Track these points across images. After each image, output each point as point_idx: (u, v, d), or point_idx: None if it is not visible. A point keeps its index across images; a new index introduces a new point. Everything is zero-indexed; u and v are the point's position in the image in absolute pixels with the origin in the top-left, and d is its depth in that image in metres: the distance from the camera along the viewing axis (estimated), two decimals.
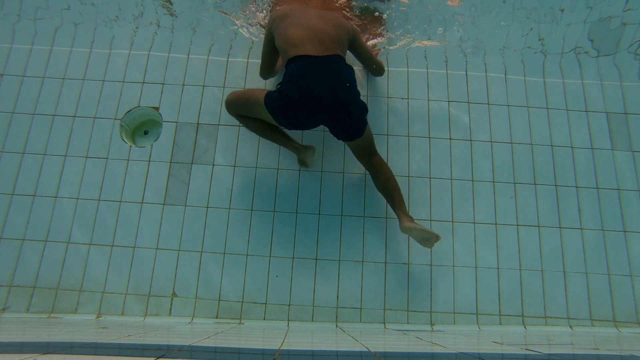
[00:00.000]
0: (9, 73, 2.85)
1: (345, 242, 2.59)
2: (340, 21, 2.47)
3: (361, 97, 2.40)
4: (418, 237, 2.31)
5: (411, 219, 2.30)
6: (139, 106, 2.81)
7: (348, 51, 2.56)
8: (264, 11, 2.84)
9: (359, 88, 2.41)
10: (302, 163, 2.62)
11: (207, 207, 2.63)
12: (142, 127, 2.90)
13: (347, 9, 2.81)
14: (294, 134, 2.68)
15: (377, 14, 2.80)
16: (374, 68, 2.77)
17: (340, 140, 2.49)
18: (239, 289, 2.50)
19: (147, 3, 2.81)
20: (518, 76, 2.95)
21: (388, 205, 2.51)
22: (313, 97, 2.19)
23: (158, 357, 1.12)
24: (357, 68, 2.88)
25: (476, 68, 2.95)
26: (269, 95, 2.31)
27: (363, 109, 2.36)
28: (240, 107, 2.50)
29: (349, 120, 2.32)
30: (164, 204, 2.62)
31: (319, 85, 2.19)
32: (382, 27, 2.89)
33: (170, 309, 2.47)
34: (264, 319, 2.46)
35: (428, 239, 2.29)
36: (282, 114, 2.26)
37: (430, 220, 2.63)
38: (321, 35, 2.31)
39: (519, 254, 2.59)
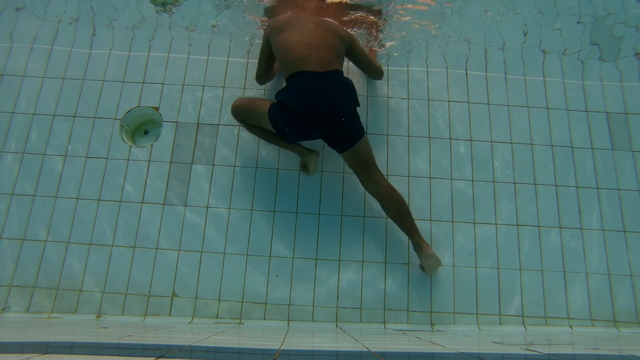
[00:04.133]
0: (9, 73, 2.85)
1: (345, 242, 2.59)
2: (336, 29, 2.48)
3: (362, 97, 2.40)
4: (429, 264, 2.41)
5: (428, 246, 2.42)
6: (139, 106, 2.81)
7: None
8: (259, 22, 2.86)
9: (357, 87, 2.41)
10: (304, 167, 2.65)
11: (207, 207, 2.63)
12: (142, 127, 2.90)
13: (343, 13, 2.79)
14: None
15: (374, 8, 2.79)
16: (373, 72, 2.76)
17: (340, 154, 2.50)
18: (239, 289, 2.50)
19: (146, 4, 2.81)
20: (518, 76, 2.95)
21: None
22: (311, 106, 2.26)
23: (158, 357, 1.12)
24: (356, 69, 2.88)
25: (476, 68, 2.95)
26: (273, 106, 2.37)
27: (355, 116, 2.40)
28: (244, 115, 2.55)
29: (345, 127, 2.34)
30: (164, 204, 2.62)
31: (317, 96, 2.27)
32: (380, 22, 2.88)
33: (170, 309, 2.47)
34: (264, 319, 2.46)
35: (435, 266, 2.41)
36: (283, 123, 2.33)
37: (430, 220, 2.63)
38: (321, 50, 2.34)
39: (519, 254, 2.59)
